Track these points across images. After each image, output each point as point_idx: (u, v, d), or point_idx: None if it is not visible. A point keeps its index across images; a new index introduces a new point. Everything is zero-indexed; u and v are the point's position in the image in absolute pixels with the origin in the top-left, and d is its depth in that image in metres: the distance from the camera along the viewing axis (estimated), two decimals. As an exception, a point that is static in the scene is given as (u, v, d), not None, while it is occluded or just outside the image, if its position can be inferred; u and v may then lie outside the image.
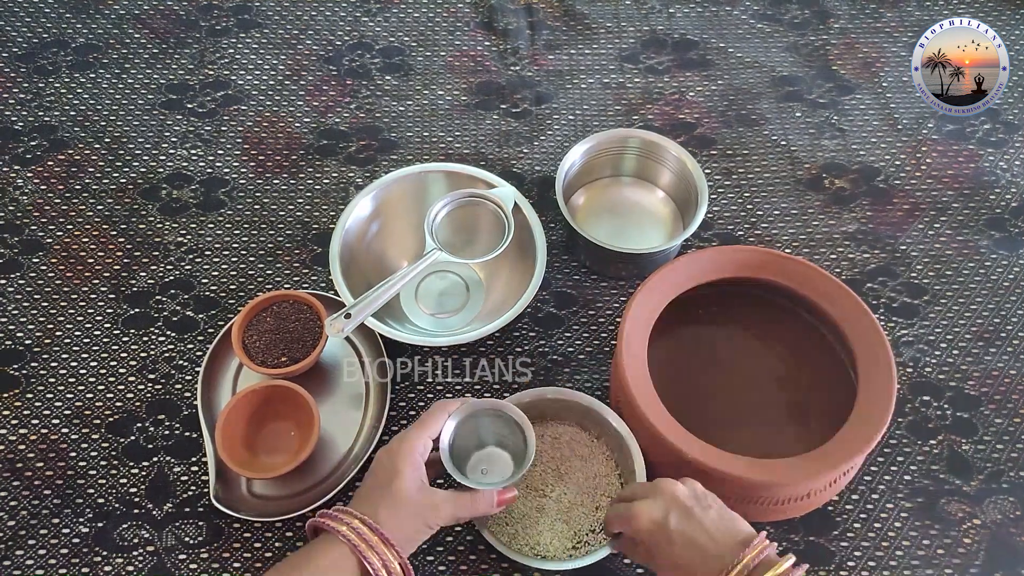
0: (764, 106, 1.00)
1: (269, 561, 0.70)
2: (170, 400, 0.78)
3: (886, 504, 0.73)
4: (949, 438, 0.76)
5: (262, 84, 1.01)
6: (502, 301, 0.81)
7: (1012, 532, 0.71)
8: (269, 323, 0.77)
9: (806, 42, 1.06)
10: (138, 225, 0.89)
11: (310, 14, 1.08)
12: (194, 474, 0.74)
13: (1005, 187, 0.93)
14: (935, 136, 0.97)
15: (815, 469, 0.62)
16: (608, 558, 0.70)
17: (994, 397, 0.78)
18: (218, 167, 0.94)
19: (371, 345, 0.79)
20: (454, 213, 0.79)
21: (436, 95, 1.01)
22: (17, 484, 0.73)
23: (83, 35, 1.05)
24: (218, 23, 1.07)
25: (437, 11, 1.09)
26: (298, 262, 0.87)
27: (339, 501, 0.72)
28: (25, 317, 0.83)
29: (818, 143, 0.96)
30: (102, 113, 0.98)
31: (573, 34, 1.07)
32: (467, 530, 0.71)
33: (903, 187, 0.93)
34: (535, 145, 0.96)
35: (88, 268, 0.86)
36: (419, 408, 0.78)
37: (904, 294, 0.85)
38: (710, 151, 0.96)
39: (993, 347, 0.81)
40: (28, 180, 0.92)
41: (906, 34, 1.06)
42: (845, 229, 0.89)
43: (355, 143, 0.96)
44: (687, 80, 1.02)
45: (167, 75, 1.02)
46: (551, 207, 0.88)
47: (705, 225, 0.89)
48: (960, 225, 0.90)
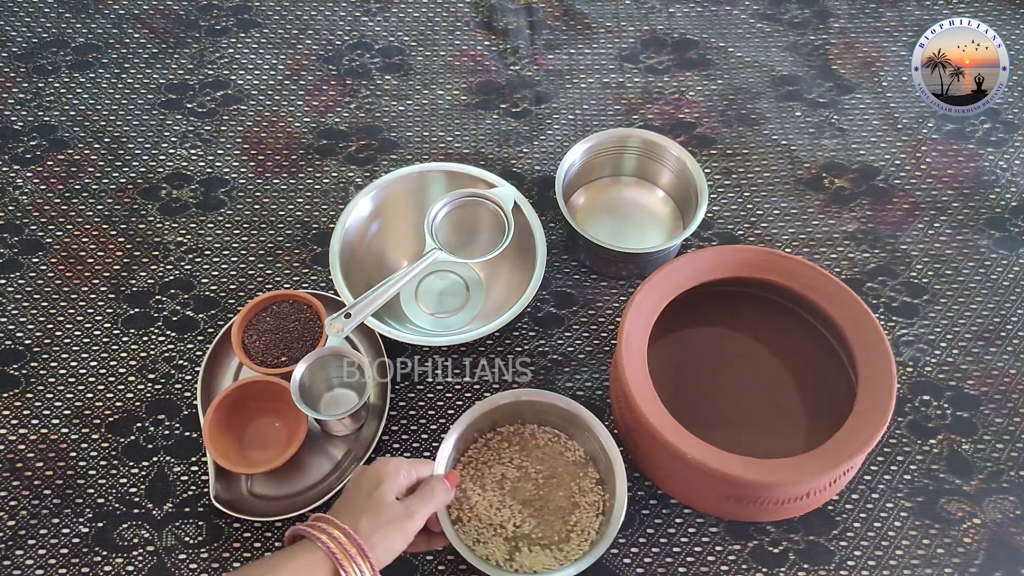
0: (764, 106, 1.00)
1: (269, 561, 0.70)
2: (170, 400, 0.78)
3: (886, 504, 0.73)
4: (949, 438, 0.76)
5: (262, 84, 1.01)
6: (502, 301, 0.81)
7: (1012, 532, 0.71)
8: (269, 323, 0.77)
9: (806, 42, 1.06)
10: (138, 225, 0.89)
11: (310, 14, 1.08)
12: (194, 474, 0.74)
13: (1005, 186, 0.93)
14: (935, 136, 0.97)
15: (815, 469, 0.62)
16: (607, 559, 0.70)
17: (994, 396, 0.78)
18: (218, 167, 0.94)
19: (371, 345, 0.79)
20: (454, 213, 0.79)
21: (436, 95, 1.01)
22: (17, 484, 0.73)
23: (83, 35, 1.05)
24: (218, 23, 1.07)
25: (437, 11, 1.09)
26: (298, 262, 0.87)
27: (339, 501, 0.72)
28: (25, 317, 0.83)
29: (818, 143, 0.96)
30: (102, 113, 0.98)
31: (573, 34, 1.07)
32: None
33: (903, 187, 0.93)
34: (535, 145, 0.96)
35: (88, 268, 0.86)
36: (419, 408, 0.78)
37: (904, 294, 0.85)
38: (710, 151, 0.96)
39: (993, 346, 0.81)
40: (28, 180, 0.92)
41: (906, 34, 1.06)
42: (845, 229, 0.89)
43: (355, 143, 0.96)
44: (687, 80, 1.02)
45: (167, 75, 1.02)
46: (551, 207, 0.88)
47: (705, 225, 0.89)
48: (960, 224, 0.90)
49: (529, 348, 0.81)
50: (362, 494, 0.59)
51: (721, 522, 0.72)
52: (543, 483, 0.70)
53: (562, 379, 0.80)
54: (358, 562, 0.55)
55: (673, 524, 0.72)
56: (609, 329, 0.83)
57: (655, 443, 0.64)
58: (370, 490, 0.58)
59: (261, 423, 0.75)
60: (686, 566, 0.70)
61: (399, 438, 0.76)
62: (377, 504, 0.58)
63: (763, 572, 0.69)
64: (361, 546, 0.55)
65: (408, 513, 0.59)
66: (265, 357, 0.75)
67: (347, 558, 0.55)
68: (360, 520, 0.57)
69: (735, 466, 0.61)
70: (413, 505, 0.59)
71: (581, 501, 0.69)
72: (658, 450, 0.65)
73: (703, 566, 0.70)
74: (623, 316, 0.69)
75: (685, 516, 0.72)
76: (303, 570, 0.54)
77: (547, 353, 0.81)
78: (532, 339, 0.82)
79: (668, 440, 0.63)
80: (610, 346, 0.82)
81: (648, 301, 0.70)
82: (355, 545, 0.55)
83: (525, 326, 0.83)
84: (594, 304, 0.84)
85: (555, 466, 0.71)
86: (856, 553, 0.70)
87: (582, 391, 0.79)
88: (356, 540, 0.55)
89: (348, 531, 0.56)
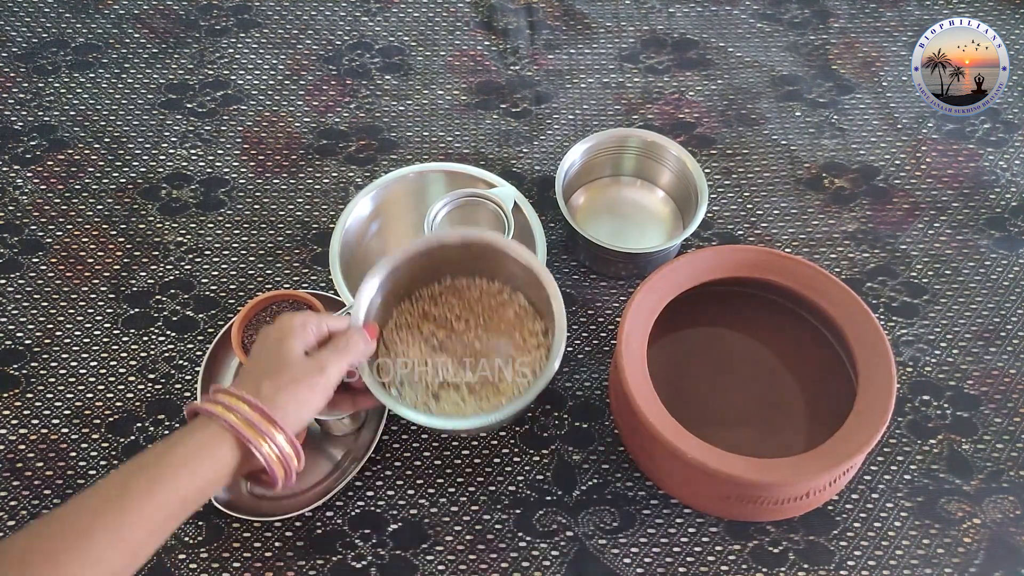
0: (764, 106, 1.00)
1: (269, 561, 0.70)
2: (170, 400, 0.78)
3: (886, 503, 0.73)
4: (949, 437, 0.76)
5: (262, 84, 1.01)
6: (502, 301, 0.81)
7: (1012, 532, 0.71)
8: (269, 323, 0.77)
9: (806, 42, 1.06)
10: (138, 225, 0.89)
11: (310, 14, 1.08)
12: (194, 474, 0.74)
13: (1005, 186, 0.93)
14: (935, 136, 0.97)
15: (815, 469, 0.62)
16: (608, 559, 0.70)
17: (994, 396, 0.78)
18: (218, 167, 0.94)
19: (371, 345, 0.79)
20: (454, 213, 0.79)
21: (436, 95, 1.01)
22: (17, 484, 0.73)
23: (83, 35, 1.05)
24: (218, 23, 1.07)
25: (437, 11, 1.09)
26: (298, 262, 0.87)
27: (338, 501, 0.72)
28: (25, 317, 0.83)
29: (818, 143, 0.96)
30: (102, 113, 0.98)
31: (573, 34, 1.07)
32: (467, 529, 0.71)
33: (903, 187, 0.93)
34: (535, 145, 0.96)
35: (88, 268, 0.86)
36: (419, 408, 0.78)
37: (904, 293, 0.85)
38: (710, 151, 0.96)
39: (993, 346, 0.81)
40: (28, 180, 0.92)
41: (906, 34, 1.06)
42: (845, 229, 0.89)
43: (355, 143, 0.96)
44: (687, 80, 1.02)
45: (167, 75, 1.02)
46: (551, 207, 0.88)
47: (705, 225, 0.89)
48: (960, 224, 0.90)
49: (529, 348, 0.81)
50: (264, 355, 0.53)
51: (721, 522, 0.72)
52: (479, 336, 0.68)
53: (562, 379, 0.80)
54: (263, 429, 0.49)
55: (673, 524, 0.72)
56: (609, 329, 0.83)
57: (655, 443, 0.64)
58: (272, 348, 0.53)
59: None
60: (686, 566, 0.70)
61: (399, 438, 0.76)
62: (280, 362, 0.52)
63: (763, 572, 0.69)
64: (264, 411, 0.49)
65: (319, 367, 0.52)
66: (265, 357, 0.75)
67: (249, 427, 0.49)
68: (262, 383, 0.51)
69: (735, 466, 0.61)
70: (324, 358, 0.53)
71: (519, 356, 0.66)
72: (658, 450, 0.65)
73: (703, 566, 0.70)
74: (623, 316, 0.69)
75: (685, 516, 0.72)
76: (202, 448, 0.48)
77: (547, 353, 0.81)
78: (532, 339, 0.82)
79: (668, 440, 0.63)
80: (610, 346, 0.82)
81: (648, 301, 0.70)
82: (257, 411, 0.49)
83: (525, 326, 0.83)
84: (594, 304, 0.84)
85: (493, 318, 0.68)
86: (856, 553, 0.70)
87: (582, 391, 0.79)
88: (258, 406, 0.49)
89: (247, 397, 0.49)
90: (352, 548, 0.70)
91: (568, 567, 0.70)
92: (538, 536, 0.71)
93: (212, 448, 0.49)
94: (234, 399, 0.50)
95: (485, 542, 0.71)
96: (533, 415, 0.77)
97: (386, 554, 0.70)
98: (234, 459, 0.49)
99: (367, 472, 0.74)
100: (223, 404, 0.50)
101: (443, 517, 0.72)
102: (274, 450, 0.50)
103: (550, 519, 0.72)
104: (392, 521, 0.72)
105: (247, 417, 0.49)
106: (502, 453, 0.75)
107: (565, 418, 0.77)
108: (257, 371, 0.52)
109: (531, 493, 0.73)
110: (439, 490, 0.74)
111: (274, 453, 0.50)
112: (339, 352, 0.55)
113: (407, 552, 0.70)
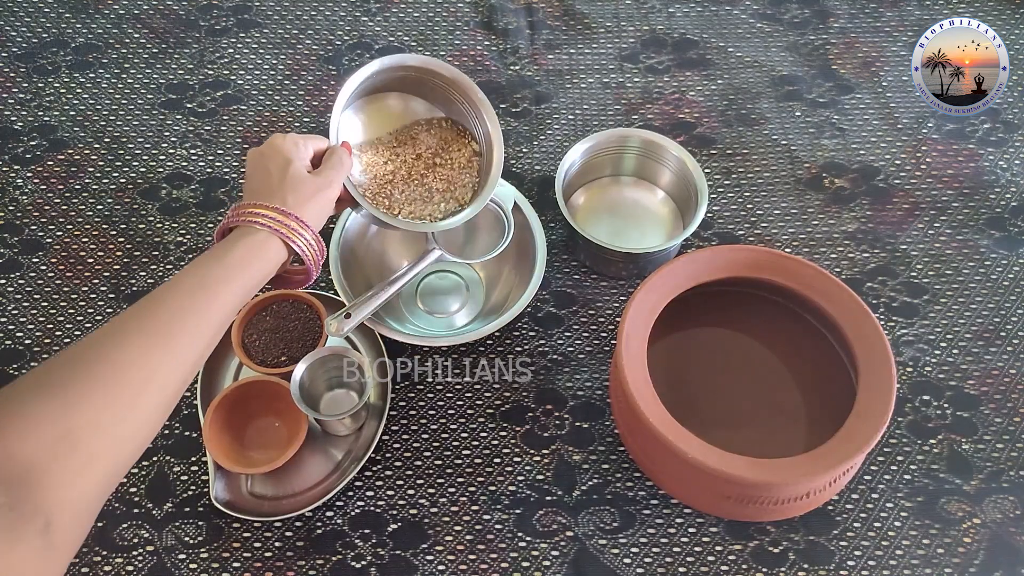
0: (764, 106, 1.00)
1: (269, 561, 0.70)
2: (170, 400, 0.78)
3: (886, 503, 0.73)
4: (949, 437, 0.76)
5: (262, 84, 1.01)
6: (502, 301, 0.81)
7: (1012, 532, 0.71)
8: (269, 322, 0.77)
9: (806, 42, 1.06)
10: (138, 225, 0.89)
11: (310, 14, 1.08)
12: (194, 474, 0.74)
13: (1005, 186, 0.93)
14: (935, 136, 0.97)
15: (815, 469, 0.62)
16: (608, 559, 0.70)
17: (994, 396, 0.78)
18: (218, 167, 0.94)
19: (371, 345, 0.79)
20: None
21: (436, 95, 1.01)
22: (17, 484, 0.73)
23: (83, 35, 1.05)
24: (218, 23, 1.07)
25: (437, 11, 1.09)
26: (298, 262, 0.87)
27: (338, 501, 0.72)
28: (25, 317, 0.83)
29: (818, 143, 0.96)
30: (102, 113, 0.98)
31: (573, 34, 1.07)
32: (467, 529, 0.71)
33: (903, 186, 0.93)
34: (535, 145, 0.96)
35: (88, 268, 0.86)
36: (419, 408, 0.78)
37: (904, 293, 0.85)
38: (710, 151, 0.96)
39: (993, 346, 0.81)
40: (28, 180, 0.92)
41: (906, 34, 1.06)
42: (845, 229, 0.89)
43: (355, 143, 0.96)
44: (687, 80, 1.02)
45: (167, 75, 1.02)
46: (551, 207, 0.88)
47: (705, 225, 0.89)
48: (960, 224, 0.90)
49: (529, 348, 0.81)
50: (275, 175, 0.59)
51: (721, 522, 0.72)
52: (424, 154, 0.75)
53: (562, 379, 0.80)
54: (300, 232, 0.57)
55: (673, 524, 0.72)
56: (609, 329, 0.83)
57: (655, 443, 0.64)
58: (282, 169, 0.59)
59: (261, 423, 0.75)
60: (686, 566, 0.70)
61: (399, 438, 0.76)
62: (295, 181, 0.59)
63: (763, 572, 0.69)
64: (299, 218, 0.57)
65: (328, 182, 0.61)
66: (265, 357, 0.75)
67: (290, 231, 0.57)
68: (287, 197, 0.58)
69: (735, 466, 0.61)
70: (329, 174, 0.61)
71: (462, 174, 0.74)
72: (658, 450, 0.65)
73: (703, 566, 0.70)
74: (623, 316, 0.69)
75: (685, 516, 0.72)
76: (252, 251, 0.55)
77: (547, 353, 0.81)
78: (532, 339, 0.82)
79: (668, 440, 0.63)
80: (610, 346, 0.82)
81: (648, 301, 0.70)
82: (292, 218, 0.57)
83: (525, 326, 0.83)
84: (594, 304, 0.84)
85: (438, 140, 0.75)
86: (856, 553, 0.70)
87: (582, 391, 0.79)
88: (291, 214, 0.57)
89: (280, 208, 0.57)
90: (352, 548, 0.70)
91: (568, 567, 0.70)
92: (538, 536, 0.71)
93: (264, 249, 0.56)
94: (270, 210, 0.57)
95: (485, 542, 0.71)
96: (533, 415, 0.78)
97: (386, 554, 0.70)
98: (279, 257, 0.58)
99: (367, 472, 0.74)
100: (263, 216, 0.57)
101: (443, 517, 0.72)
102: (311, 245, 0.59)
103: (550, 519, 0.72)
104: (392, 521, 0.72)
105: (286, 223, 0.57)
106: (502, 453, 0.75)
107: (565, 418, 0.77)
108: (274, 189, 0.58)
109: (531, 493, 0.73)
110: (439, 490, 0.74)
111: (309, 248, 0.59)
112: (336, 168, 0.63)
113: (407, 552, 0.70)
